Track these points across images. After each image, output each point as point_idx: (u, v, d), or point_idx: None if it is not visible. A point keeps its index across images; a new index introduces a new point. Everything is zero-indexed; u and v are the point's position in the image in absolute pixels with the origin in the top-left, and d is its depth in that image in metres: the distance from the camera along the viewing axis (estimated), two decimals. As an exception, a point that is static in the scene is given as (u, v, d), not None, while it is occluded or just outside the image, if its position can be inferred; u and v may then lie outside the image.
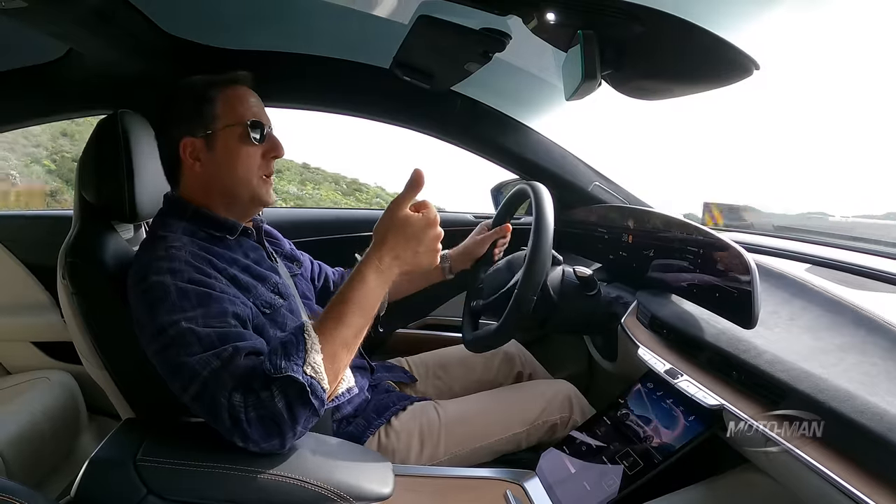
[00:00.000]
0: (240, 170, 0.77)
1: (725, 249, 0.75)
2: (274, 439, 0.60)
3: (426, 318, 1.45)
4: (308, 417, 0.60)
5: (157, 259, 0.67)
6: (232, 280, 0.72)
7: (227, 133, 0.77)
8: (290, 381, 0.58)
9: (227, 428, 0.59)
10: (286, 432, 0.59)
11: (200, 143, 0.76)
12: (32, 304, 1.28)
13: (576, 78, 0.74)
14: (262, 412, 0.58)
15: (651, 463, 0.73)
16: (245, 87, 0.81)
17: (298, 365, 0.59)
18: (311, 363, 0.59)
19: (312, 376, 0.59)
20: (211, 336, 0.62)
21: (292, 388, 0.58)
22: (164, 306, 0.63)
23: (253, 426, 0.58)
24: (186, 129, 0.76)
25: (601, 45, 0.71)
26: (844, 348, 0.62)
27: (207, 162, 0.77)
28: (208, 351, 0.61)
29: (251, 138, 0.77)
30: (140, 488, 0.60)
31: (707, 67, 0.73)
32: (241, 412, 0.58)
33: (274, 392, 0.58)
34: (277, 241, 0.97)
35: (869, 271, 0.83)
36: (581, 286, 0.97)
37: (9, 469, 1.00)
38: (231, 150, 0.77)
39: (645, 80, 0.83)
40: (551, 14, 0.71)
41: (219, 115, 0.77)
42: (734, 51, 0.67)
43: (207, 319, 0.63)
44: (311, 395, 0.59)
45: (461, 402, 0.96)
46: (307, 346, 0.60)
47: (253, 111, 0.79)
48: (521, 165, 1.29)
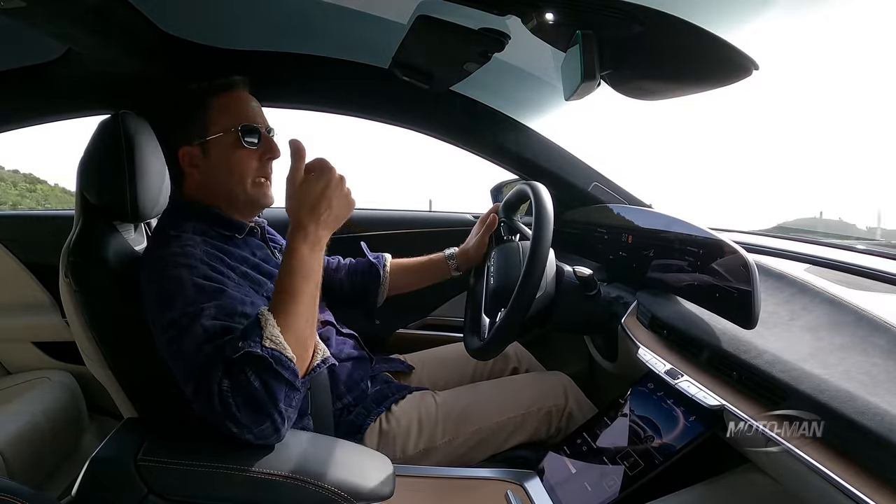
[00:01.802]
0: (235, 175, 0.80)
1: (725, 249, 0.75)
2: (263, 423, 0.60)
3: (426, 318, 1.45)
4: (287, 393, 0.61)
5: (174, 255, 0.69)
6: (244, 277, 0.75)
7: (221, 140, 0.79)
8: (251, 356, 0.59)
9: (220, 415, 0.60)
10: (272, 413, 0.60)
11: (197, 150, 0.79)
12: (33, 304, 1.29)
13: (575, 78, 0.74)
14: (245, 395, 0.59)
15: (652, 463, 0.73)
16: (241, 91, 0.83)
17: (255, 341, 0.60)
18: (268, 337, 0.61)
19: (272, 348, 0.60)
20: (216, 328, 0.64)
21: (258, 364, 0.60)
22: (180, 299, 0.65)
23: (241, 410, 0.59)
24: (183, 139, 0.79)
25: (600, 45, 0.71)
26: (845, 348, 0.62)
27: (205, 168, 0.80)
28: (210, 343, 0.62)
29: (245, 143, 0.79)
30: (141, 488, 0.60)
31: (706, 67, 0.73)
32: (230, 397, 0.59)
33: (248, 373, 0.59)
34: (276, 238, 0.98)
35: (869, 271, 0.83)
36: (581, 286, 0.97)
37: (9, 469, 1.00)
38: (226, 156, 0.79)
39: (644, 80, 0.83)
40: (550, 14, 0.71)
41: (213, 121, 0.79)
42: (734, 51, 0.67)
43: (219, 313, 0.65)
44: (277, 365, 0.60)
45: (458, 391, 0.99)
46: (262, 324, 0.62)
47: (247, 115, 0.81)
48: (521, 165, 1.29)
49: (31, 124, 1.14)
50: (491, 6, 0.74)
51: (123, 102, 0.98)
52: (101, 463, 0.62)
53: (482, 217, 1.11)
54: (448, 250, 1.11)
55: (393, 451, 0.87)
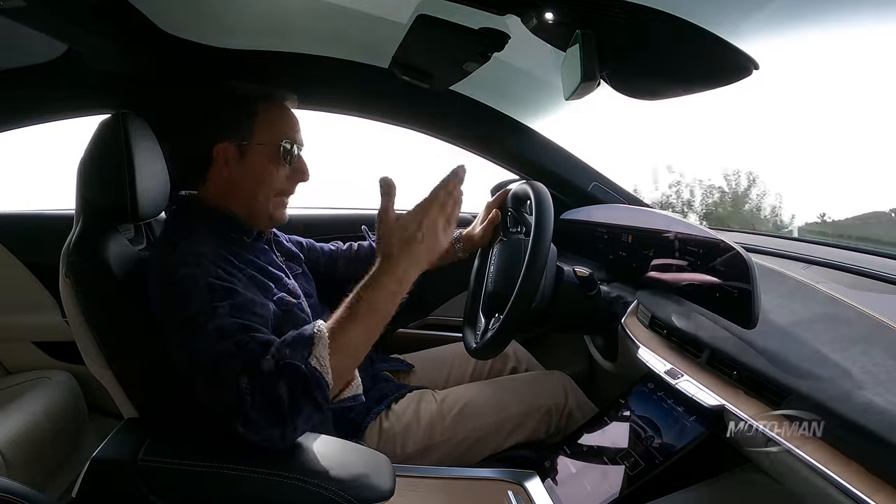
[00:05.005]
0: (263, 186, 0.80)
1: (725, 249, 0.75)
2: (274, 428, 0.59)
3: (426, 318, 1.45)
4: (310, 413, 0.60)
5: (184, 255, 0.69)
6: (251, 280, 0.74)
7: (261, 149, 0.79)
8: (292, 368, 0.58)
9: (229, 410, 0.58)
10: (286, 423, 0.59)
11: (234, 150, 0.79)
12: (33, 304, 1.28)
13: (575, 78, 0.73)
14: (266, 398, 0.58)
15: (652, 463, 0.73)
16: (286, 106, 0.83)
17: (303, 356, 0.59)
18: (316, 356, 0.59)
19: (316, 368, 0.59)
20: (234, 326, 0.63)
21: (295, 378, 0.58)
22: (193, 299, 0.65)
23: (256, 409, 0.58)
24: (225, 134, 0.79)
25: (600, 45, 0.71)
26: (845, 348, 0.62)
27: (236, 170, 0.80)
28: (228, 339, 0.61)
29: (282, 160, 0.80)
30: (141, 488, 0.60)
31: (707, 67, 0.73)
32: (247, 395, 0.58)
33: (278, 380, 0.58)
34: (278, 239, 0.97)
35: (869, 271, 0.83)
36: (581, 286, 0.97)
37: (10, 469, 1.00)
38: (260, 167, 0.80)
39: (644, 80, 0.83)
40: (550, 13, 0.71)
41: (257, 130, 0.79)
42: (734, 51, 0.67)
43: (234, 311, 0.64)
44: (313, 386, 0.58)
45: (457, 390, 0.99)
46: (314, 341, 0.60)
47: (291, 131, 0.82)
48: (521, 165, 1.29)
49: (31, 124, 1.14)
50: (491, 6, 0.74)
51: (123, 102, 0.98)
52: (101, 463, 0.62)
53: (488, 203, 1.10)
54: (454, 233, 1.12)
55: (393, 449, 0.88)
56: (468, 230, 1.11)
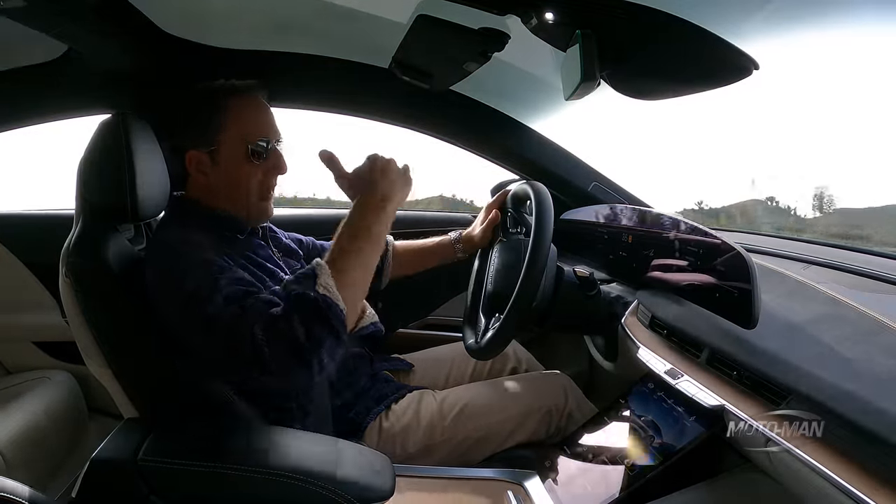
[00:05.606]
0: (241, 188, 0.80)
1: (725, 249, 0.75)
2: (299, 368, 0.58)
3: (426, 318, 1.45)
4: (331, 344, 0.59)
5: (179, 240, 0.71)
6: (245, 271, 0.74)
7: (230, 148, 0.79)
8: (302, 299, 0.59)
9: (247, 359, 0.58)
10: (311, 359, 0.58)
11: (205, 157, 0.79)
12: (33, 304, 1.28)
13: (575, 78, 0.74)
14: (282, 339, 0.58)
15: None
16: (256, 97, 0.82)
17: (310, 286, 0.60)
18: (322, 284, 0.60)
19: (326, 294, 0.59)
20: (238, 293, 0.63)
21: (307, 308, 0.58)
22: (192, 275, 0.65)
23: (274, 354, 0.57)
24: (192, 142, 0.79)
25: (600, 45, 0.71)
26: (845, 348, 0.62)
27: (213, 175, 0.80)
28: (234, 304, 0.62)
29: (254, 156, 0.79)
30: (141, 488, 0.60)
31: (707, 67, 0.73)
32: (263, 345, 0.57)
33: (294, 320, 0.58)
34: (275, 235, 0.97)
35: (869, 271, 0.83)
36: (581, 286, 0.97)
37: (10, 469, 1.00)
38: (234, 167, 0.79)
39: (644, 81, 0.83)
40: (550, 13, 0.71)
41: (225, 127, 0.79)
42: (734, 51, 0.67)
43: (235, 282, 0.65)
44: (327, 312, 0.58)
45: (457, 390, 0.99)
46: (317, 272, 0.61)
47: (260, 126, 0.81)
48: (521, 165, 1.29)
49: (32, 124, 1.14)
50: (491, 6, 0.74)
51: (123, 102, 0.98)
52: (101, 463, 0.62)
53: (488, 204, 1.11)
54: (454, 233, 1.13)
55: (393, 449, 0.88)
56: (468, 231, 1.12)
